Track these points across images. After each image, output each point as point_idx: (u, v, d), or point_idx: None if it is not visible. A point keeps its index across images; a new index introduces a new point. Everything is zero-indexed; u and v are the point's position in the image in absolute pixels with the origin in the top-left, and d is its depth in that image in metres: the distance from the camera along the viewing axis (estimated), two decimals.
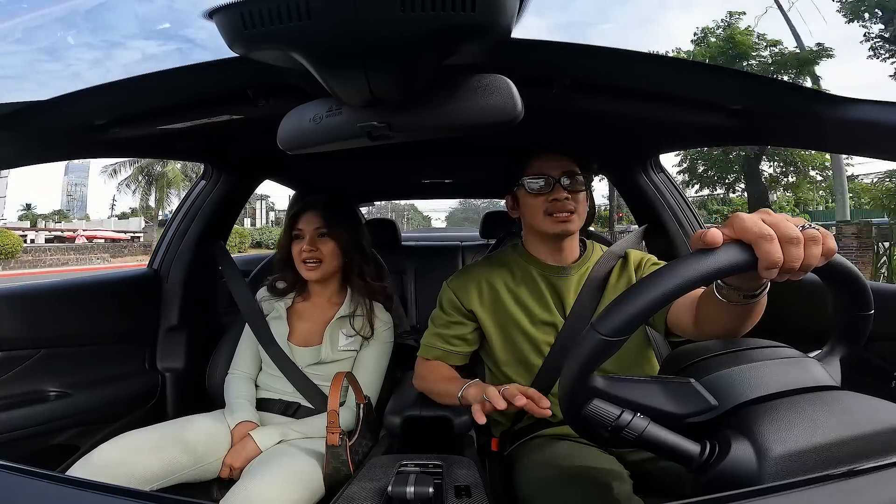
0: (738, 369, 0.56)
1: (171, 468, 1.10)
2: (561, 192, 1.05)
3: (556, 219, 1.05)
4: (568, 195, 1.05)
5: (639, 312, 0.51)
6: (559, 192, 1.05)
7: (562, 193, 1.04)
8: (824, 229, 0.52)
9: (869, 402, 0.51)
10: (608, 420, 0.53)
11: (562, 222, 1.05)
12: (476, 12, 0.47)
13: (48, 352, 1.28)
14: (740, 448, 0.49)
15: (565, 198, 1.04)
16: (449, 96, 0.67)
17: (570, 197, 1.05)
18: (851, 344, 0.63)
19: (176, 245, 1.61)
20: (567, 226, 1.06)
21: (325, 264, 1.34)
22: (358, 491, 0.80)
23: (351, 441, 1.10)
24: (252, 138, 1.32)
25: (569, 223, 1.06)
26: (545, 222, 1.07)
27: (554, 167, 1.06)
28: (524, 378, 1.10)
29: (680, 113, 0.94)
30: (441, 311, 1.18)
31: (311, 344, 1.35)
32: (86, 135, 1.00)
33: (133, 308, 1.52)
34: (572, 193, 1.05)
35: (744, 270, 0.51)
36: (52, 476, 0.45)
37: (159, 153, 1.35)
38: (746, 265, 0.50)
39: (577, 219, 1.07)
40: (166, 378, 1.54)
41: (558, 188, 1.05)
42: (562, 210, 1.05)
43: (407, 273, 2.35)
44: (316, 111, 0.72)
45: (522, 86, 0.66)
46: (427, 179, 2.33)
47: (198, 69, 0.78)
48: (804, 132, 0.88)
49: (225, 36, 0.51)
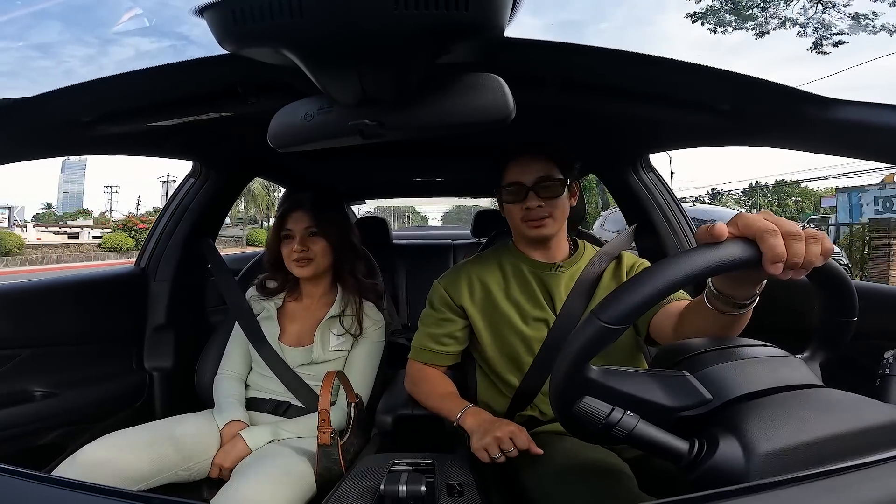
0: (731, 364, 0.57)
1: (159, 468, 1.08)
2: (534, 199, 1.06)
3: (530, 225, 1.08)
4: (542, 202, 1.06)
5: (643, 301, 0.51)
6: (532, 199, 1.06)
7: (535, 201, 1.06)
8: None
9: (854, 400, 0.52)
10: (598, 417, 0.53)
11: (536, 228, 1.08)
12: (469, 11, 0.47)
13: (34, 351, 1.26)
14: (728, 445, 0.49)
15: (538, 206, 1.06)
16: (441, 95, 0.67)
17: (545, 203, 1.06)
18: (832, 348, 0.64)
19: (163, 244, 1.59)
20: (542, 231, 1.08)
21: (317, 262, 1.33)
22: (350, 490, 0.80)
23: (342, 440, 1.10)
24: (242, 136, 1.31)
25: (543, 228, 1.08)
26: (521, 227, 1.10)
27: (528, 173, 1.07)
28: (514, 376, 1.10)
29: (670, 113, 0.95)
30: (432, 309, 1.18)
31: (302, 344, 1.34)
32: (73, 132, 0.98)
33: (120, 307, 1.50)
34: (547, 199, 1.06)
35: (748, 265, 0.52)
36: (38, 476, 0.45)
37: (148, 151, 1.34)
38: (751, 260, 0.52)
39: (553, 222, 1.08)
40: (154, 378, 1.53)
41: (532, 196, 1.06)
42: (535, 217, 1.07)
43: (398, 272, 2.35)
44: (307, 109, 0.72)
45: (514, 85, 0.66)
46: (418, 178, 2.33)
47: (187, 66, 0.77)
48: (791, 133, 0.89)
49: (215, 33, 0.50)
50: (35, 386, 1.26)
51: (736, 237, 0.53)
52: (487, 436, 0.89)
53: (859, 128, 0.73)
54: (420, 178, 2.33)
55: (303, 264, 1.32)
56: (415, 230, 8.07)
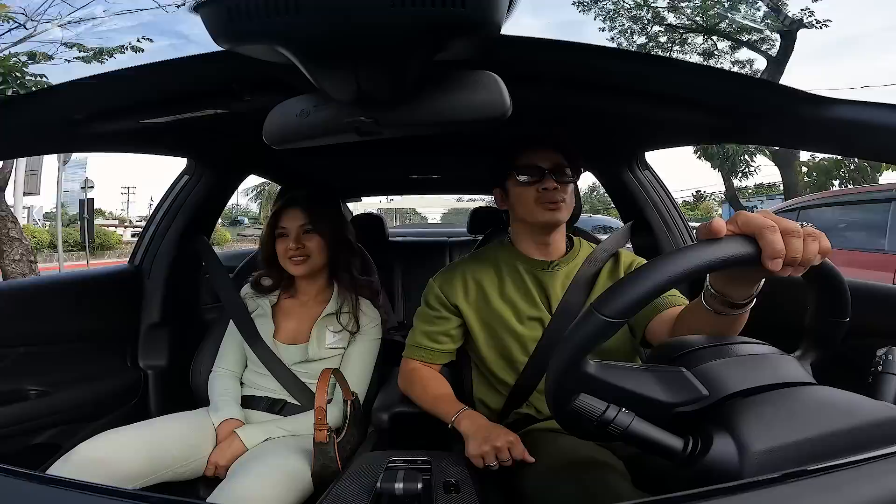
0: (727, 361, 0.57)
1: (154, 466, 1.08)
2: (551, 182, 1.06)
3: (546, 207, 1.07)
4: (557, 186, 1.07)
5: (643, 295, 0.51)
6: (549, 181, 1.06)
7: (552, 183, 1.06)
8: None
9: (847, 397, 0.52)
10: (594, 415, 0.53)
11: (551, 210, 1.07)
12: (466, 8, 0.47)
13: (27, 349, 1.25)
14: (722, 443, 0.50)
15: (554, 188, 1.06)
16: (437, 92, 0.67)
17: (560, 188, 1.07)
18: (824, 348, 0.65)
19: (157, 241, 1.58)
20: (556, 214, 1.07)
21: (312, 259, 1.33)
22: (346, 488, 0.80)
23: (339, 438, 1.10)
24: (237, 133, 1.30)
25: (558, 212, 1.07)
26: (536, 211, 1.08)
27: (543, 160, 1.08)
28: (510, 374, 1.11)
29: (666, 111, 0.95)
30: (426, 307, 1.18)
31: (297, 342, 1.34)
32: (64, 129, 0.98)
33: (113, 305, 1.49)
34: (561, 185, 1.07)
35: (747, 262, 0.53)
36: (32, 475, 0.44)
37: (141, 148, 1.33)
38: (750, 257, 0.52)
39: (566, 209, 1.09)
40: (148, 376, 1.52)
41: (548, 178, 1.07)
42: (552, 199, 1.06)
43: (394, 269, 2.35)
44: (303, 106, 0.71)
45: (511, 82, 0.66)
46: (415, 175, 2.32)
47: (182, 63, 0.76)
48: (787, 131, 0.90)
49: (210, 30, 0.50)
50: (29, 384, 1.25)
51: (735, 234, 0.54)
52: (486, 444, 0.90)
53: (854, 126, 0.73)
54: (416, 175, 2.32)
55: (298, 262, 1.31)
56: (416, 227, 9.70)
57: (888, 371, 0.58)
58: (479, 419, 1.00)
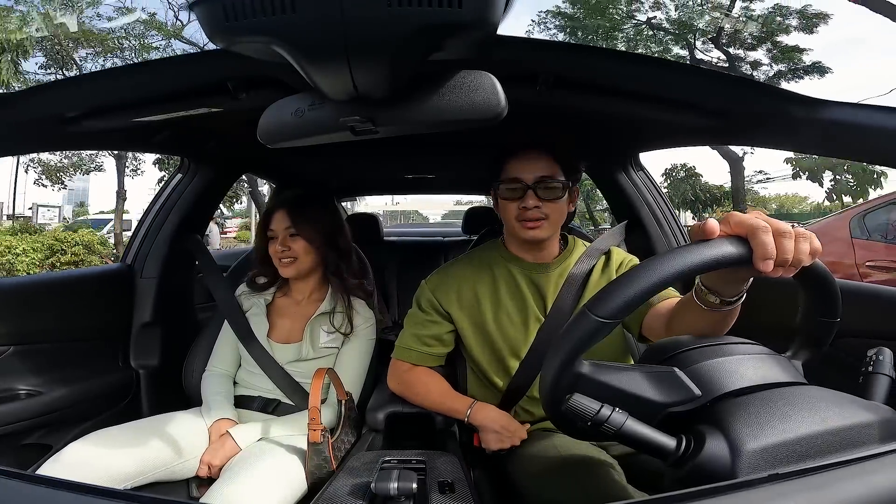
0: (719, 361, 0.58)
1: (146, 466, 1.07)
2: (532, 199, 1.03)
3: (524, 225, 1.05)
4: (539, 203, 1.03)
5: (636, 295, 0.52)
6: (530, 199, 1.03)
7: (532, 201, 1.03)
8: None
9: (838, 397, 0.53)
10: (588, 415, 0.54)
11: (530, 229, 1.04)
12: (462, 8, 0.47)
13: (18, 349, 1.24)
14: (714, 443, 0.50)
15: (535, 206, 1.03)
16: (433, 92, 0.67)
17: (542, 204, 1.03)
18: (815, 348, 0.65)
19: (150, 240, 1.57)
20: (536, 233, 1.05)
21: (300, 262, 1.32)
22: (341, 487, 0.79)
23: (333, 438, 1.10)
24: (231, 131, 1.29)
25: (538, 230, 1.04)
26: (516, 227, 1.06)
27: (529, 171, 1.04)
28: (502, 378, 1.11)
29: (660, 112, 0.95)
30: (418, 310, 1.17)
31: (291, 341, 1.33)
32: (57, 127, 0.97)
33: (105, 304, 1.48)
34: (545, 201, 1.04)
35: (739, 263, 0.53)
36: (23, 475, 0.44)
37: (134, 146, 1.32)
38: (742, 257, 0.53)
39: (549, 225, 1.06)
40: (140, 375, 1.51)
41: (530, 195, 1.03)
42: (531, 218, 1.04)
43: (389, 269, 2.34)
44: (298, 105, 0.71)
45: (506, 82, 0.66)
46: (410, 175, 2.32)
47: (176, 61, 0.76)
48: (780, 133, 0.91)
49: (205, 28, 0.49)
50: (19, 384, 1.24)
51: (728, 235, 0.54)
52: (511, 440, 1.02)
53: (847, 128, 0.74)
54: (412, 174, 2.32)
55: (286, 264, 1.31)
56: (416, 226, 10.97)
57: (878, 371, 0.59)
58: (491, 411, 1.06)
